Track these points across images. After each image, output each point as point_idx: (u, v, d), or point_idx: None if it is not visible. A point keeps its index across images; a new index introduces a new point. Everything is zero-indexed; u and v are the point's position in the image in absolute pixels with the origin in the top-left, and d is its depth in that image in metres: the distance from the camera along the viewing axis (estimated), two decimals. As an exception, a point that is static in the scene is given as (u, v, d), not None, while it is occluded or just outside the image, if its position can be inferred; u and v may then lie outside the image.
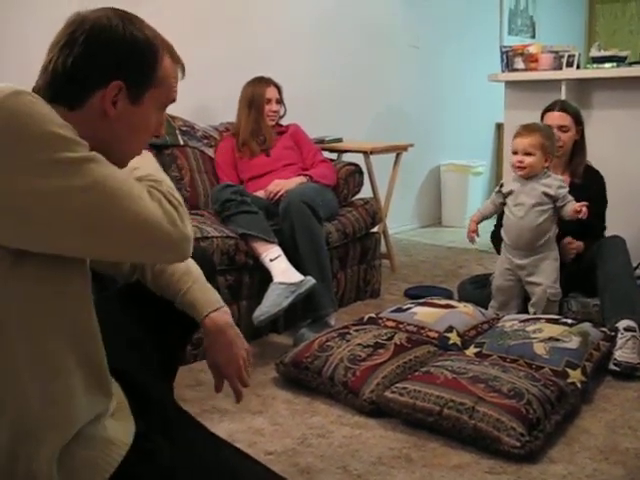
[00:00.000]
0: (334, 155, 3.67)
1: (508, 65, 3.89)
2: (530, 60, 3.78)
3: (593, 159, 2.90)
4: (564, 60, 3.63)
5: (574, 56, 3.61)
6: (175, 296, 1.35)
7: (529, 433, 1.74)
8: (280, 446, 1.82)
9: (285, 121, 3.23)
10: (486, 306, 2.72)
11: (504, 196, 2.69)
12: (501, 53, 3.93)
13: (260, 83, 3.09)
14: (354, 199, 3.25)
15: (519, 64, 3.84)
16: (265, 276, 2.52)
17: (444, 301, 2.63)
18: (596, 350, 2.21)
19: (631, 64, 3.58)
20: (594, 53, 3.65)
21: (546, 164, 2.59)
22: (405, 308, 2.54)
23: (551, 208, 2.56)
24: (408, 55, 4.73)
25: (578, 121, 2.81)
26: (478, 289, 2.90)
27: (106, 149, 1.01)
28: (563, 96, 3.47)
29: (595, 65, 3.59)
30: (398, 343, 2.21)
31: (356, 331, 2.30)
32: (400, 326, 2.40)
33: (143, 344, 1.32)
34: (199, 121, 3.25)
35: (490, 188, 5.11)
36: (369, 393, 1.99)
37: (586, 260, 2.67)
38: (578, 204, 2.50)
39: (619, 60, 3.55)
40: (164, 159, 2.99)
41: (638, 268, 2.77)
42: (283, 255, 2.54)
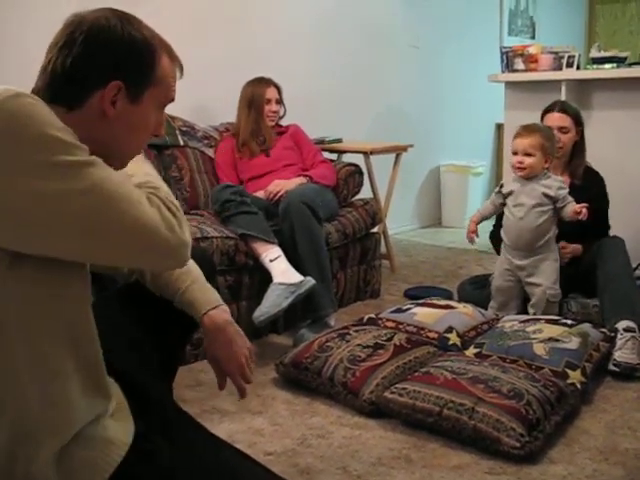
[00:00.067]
0: (334, 155, 3.67)
1: (508, 66, 3.89)
2: (530, 61, 3.78)
3: (593, 160, 2.90)
4: (564, 61, 3.63)
5: (574, 57, 3.61)
6: (174, 295, 1.35)
7: (529, 434, 1.74)
8: (280, 447, 1.82)
9: (285, 121, 3.23)
10: (486, 307, 2.72)
11: (504, 197, 2.69)
12: (501, 53, 3.93)
13: (260, 83, 3.09)
14: (354, 199, 3.25)
15: (519, 65, 3.84)
16: (265, 276, 2.52)
17: (444, 302, 2.63)
18: (596, 351, 2.21)
19: (631, 65, 3.58)
20: (594, 54, 3.65)
21: (546, 165, 2.59)
22: (405, 309, 2.54)
23: (551, 209, 2.56)
24: (408, 55, 4.73)
25: (578, 122, 2.82)
26: (478, 290, 2.90)
27: (105, 149, 1.01)
28: (563, 97, 3.47)
29: (595, 66, 3.59)
30: (398, 344, 2.21)
31: (356, 332, 2.30)
32: (400, 327, 2.40)
33: (143, 344, 1.32)
34: (199, 121, 3.25)
35: (490, 189, 5.11)
36: (369, 394, 1.99)
37: (586, 261, 2.67)
38: (578, 205, 2.50)
39: (619, 61, 3.54)
40: (164, 159, 2.99)
41: (638, 269, 2.77)
42: (283, 255, 2.54)
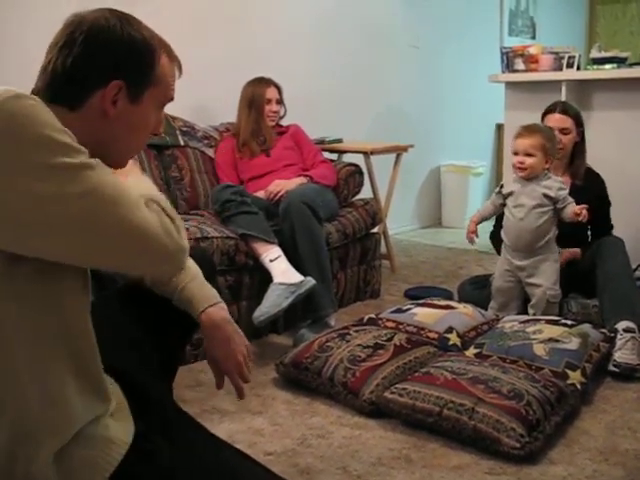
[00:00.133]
0: (334, 156, 3.67)
1: (508, 66, 3.89)
2: (530, 61, 3.78)
3: (593, 160, 2.90)
4: (564, 61, 3.63)
5: (574, 57, 3.61)
6: (173, 293, 1.35)
7: (529, 434, 1.74)
8: (280, 447, 1.82)
9: (285, 121, 3.23)
10: (486, 307, 2.72)
11: (504, 197, 2.69)
12: (501, 54, 3.93)
13: (260, 83, 3.09)
14: (354, 199, 3.25)
15: (519, 65, 3.84)
16: (265, 277, 2.52)
17: (444, 302, 2.63)
18: (596, 351, 2.21)
19: (631, 65, 3.58)
20: (594, 54, 3.65)
21: (547, 165, 2.59)
22: (405, 309, 2.54)
23: (551, 210, 2.56)
24: (408, 55, 4.73)
25: (579, 123, 2.82)
26: (478, 290, 2.90)
27: (105, 149, 1.01)
28: (563, 97, 3.47)
29: (595, 66, 3.58)
30: (398, 344, 2.21)
31: (356, 332, 2.30)
32: (400, 327, 2.40)
33: (143, 344, 1.32)
34: (199, 121, 3.25)
35: (490, 189, 5.11)
36: (369, 394, 1.99)
37: (585, 261, 2.67)
38: (578, 207, 2.50)
39: (619, 61, 3.54)
40: (164, 159, 2.99)
41: (638, 269, 2.77)
42: (283, 256, 2.54)
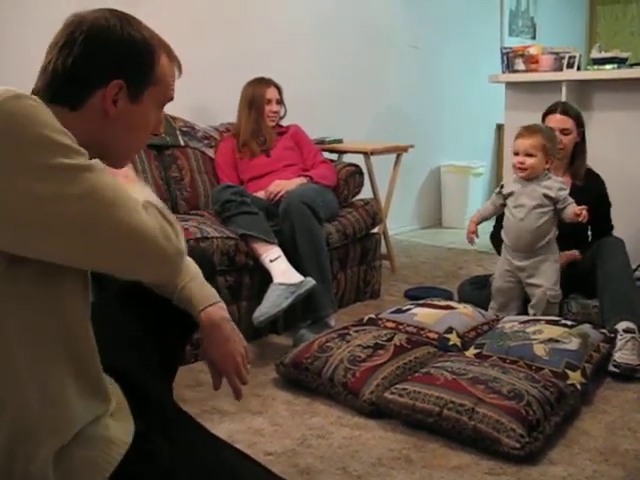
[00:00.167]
0: (334, 156, 3.67)
1: (509, 66, 3.89)
2: (531, 61, 3.78)
3: (593, 161, 2.90)
4: (565, 61, 3.63)
5: (575, 57, 3.61)
6: (172, 292, 1.35)
7: (529, 434, 1.74)
8: (280, 447, 1.82)
9: (285, 122, 3.23)
10: (486, 307, 2.72)
11: (504, 197, 2.69)
12: (502, 54, 3.93)
13: (260, 84, 3.09)
14: (354, 200, 3.25)
15: (520, 65, 3.84)
16: (265, 277, 2.52)
17: (444, 302, 2.63)
18: (596, 352, 2.21)
19: (632, 65, 3.58)
20: (595, 54, 3.65)
21: (547, 166, 2.59)
22: (405, 309, 2.54)
23: (551, 210, 2.56)
24: (408, 55, 4.73)
25: (579, 123, 2.81)
26: (478, 290, 2.90)
27: (106, 148, 1.02)
28: (564, 97, 3.47)
29: (596, 66, 3.58)
30: (398, 344, 2.21)
31: (356, 332, 2.30)
32: (400, 327, 2.40)
33: (143, 344, 1.32)
34: (199, 121, 3.25)
35: (490, 189, 5.11)
36: (369, 394, 1.99)
37: (586, 261, 2.67)
38: (578, 207, 2.50)
39: (620, 61, 3.54)
40: (164, 159, 2.99)
41: (638, 269, 2.77)
42: (283, 256, 2.54)
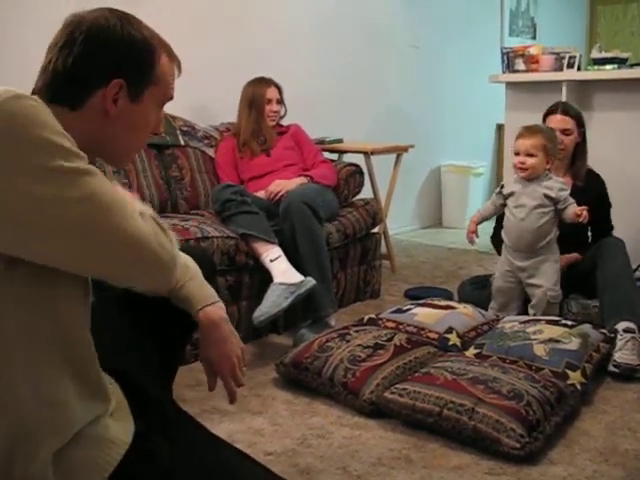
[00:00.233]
0: (335, 156, 3.67)
1: (509, 66, 3.89)
2: (531, 61, 3.78)
3: (594, 161, 2.90)
4: (565, 61, 3.63)
5: (575, 57, 3.61)
6: (171, 291, 1.35)
7: (529, 434, 1.74)
8: (280, 447, 1.82)
9: (285, 121, 3.23)
10: (486, 307, 2.72)
11: (505, 197, 2.68)
12: (502, 54, 3.93)
13: (261, 83, 3.09)
14: (354, 200, 3.25)
15: (520, 65, 3.84)
16: (265, 276, 2.52)
17: (444, 302, 2.63)
18: (596, 352, 2.21)
19: (632, 66, 3.58)
20: (595, 54, 3.65)
21: (548, 166, 2.59)
22: (405, 309, 2.54)
23: (552, 210, 2.56)
24: (408, 55, 4.73)
25: (580, 124, 2.81)
26: (478, 290, 2.90)
27: (106, 148, 1.02)
28: (564, 98, 3.47)
29: (596, 67, 3.59)
30: (398, 344, 2.21)
31: (356, 332, 2.30)
32: (400, 327, 2.40)
33: (142, 344, 1.32)
34: (200, 121, 3.25)
35: (491, 189, 5.11)
36: (369, 394, 1.99)
37: (586, 261, 2.67)
38: (579, 208, 2.50)
39: (620, 62, 3.54)
40: (165, 159, 2.99)
41: (638, 270, 2.77)
42: (283, 256, 2.54)
